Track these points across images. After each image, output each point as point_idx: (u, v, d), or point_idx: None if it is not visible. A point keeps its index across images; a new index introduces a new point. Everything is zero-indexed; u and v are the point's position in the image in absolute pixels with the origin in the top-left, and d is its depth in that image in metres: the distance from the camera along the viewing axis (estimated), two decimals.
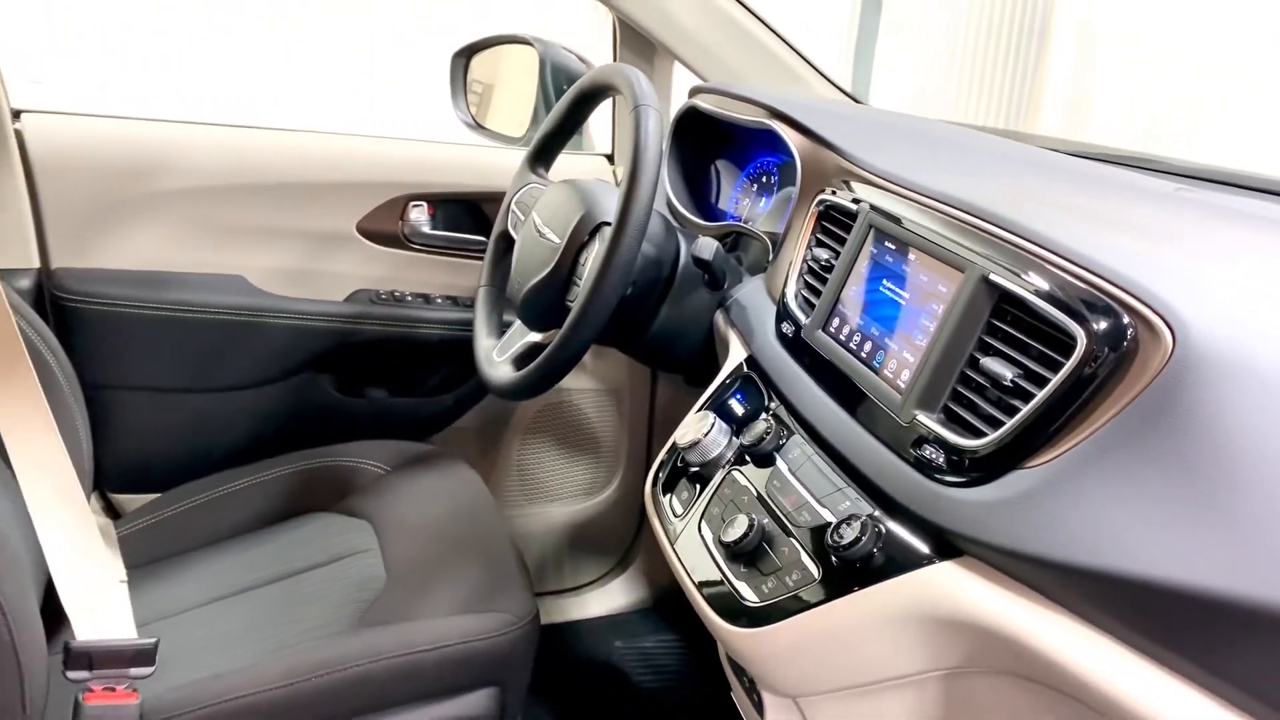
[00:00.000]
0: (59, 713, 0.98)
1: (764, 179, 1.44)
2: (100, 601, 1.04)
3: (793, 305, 1.05)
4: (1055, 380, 0.68)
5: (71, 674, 0.98)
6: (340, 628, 1.15)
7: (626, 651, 1.72)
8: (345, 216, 1.53)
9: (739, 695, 1.03)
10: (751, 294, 1.19)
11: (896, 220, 0.92)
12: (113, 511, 1.51)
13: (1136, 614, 0.62)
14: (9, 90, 1.36)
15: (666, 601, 1.83)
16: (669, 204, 1.44)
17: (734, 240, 1.37)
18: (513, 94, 1.73)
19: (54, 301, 1.40)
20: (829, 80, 1.61)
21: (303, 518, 1.37)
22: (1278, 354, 0.61)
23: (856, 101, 1.63)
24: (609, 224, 1.11)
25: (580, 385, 1.73)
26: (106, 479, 1.49)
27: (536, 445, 1.75)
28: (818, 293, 1.01)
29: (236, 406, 1.52)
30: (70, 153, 1.40)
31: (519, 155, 1.38)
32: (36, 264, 1.40)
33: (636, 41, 1.59)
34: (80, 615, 1.01)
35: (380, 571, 1.24)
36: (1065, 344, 0.69)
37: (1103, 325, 0.67)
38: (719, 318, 1.23)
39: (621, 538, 1.83)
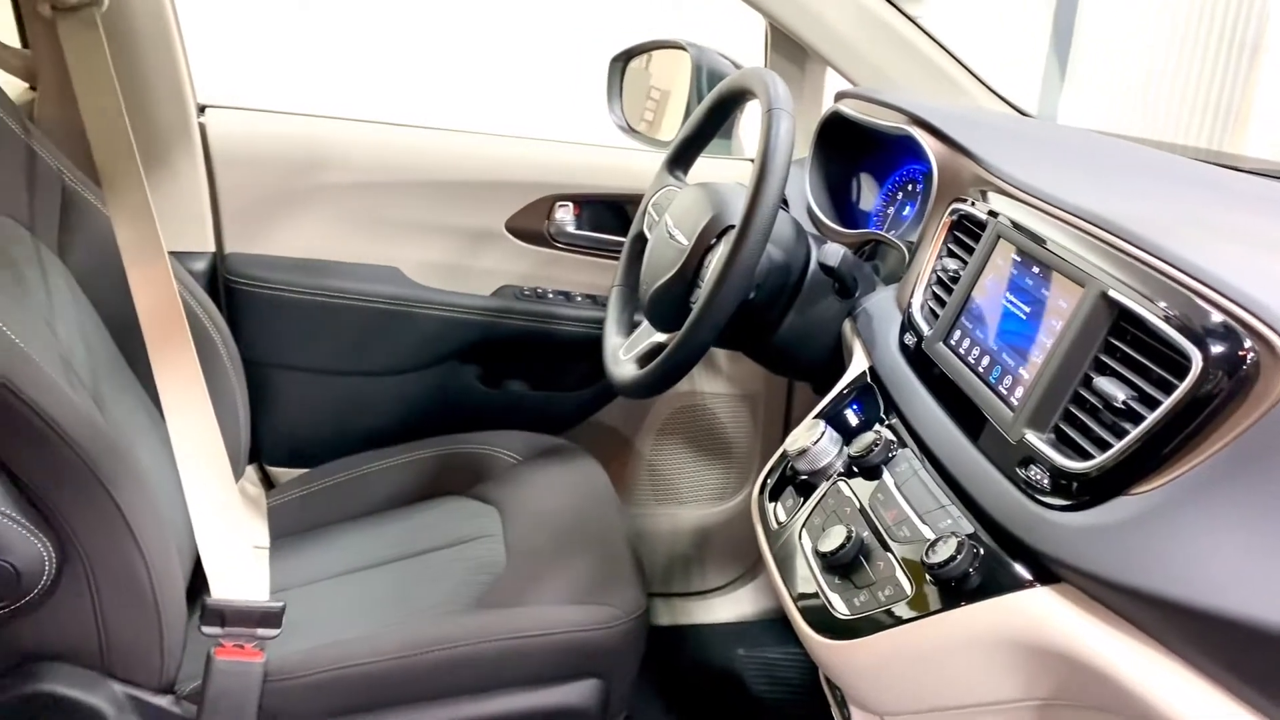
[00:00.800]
0: (193, 665, 1.06)
1: (909, 187, 1.41)
2: (237, 564, 1.11)
3: (917, 316, 1.02)
4: (1167, 403, 0.65)
5: (205, 629, 1.06)
6: (456, 607, 1.19)
7: (748, 660, 1.70)
8: (495, 214, 1.59)
9: (835, 711, 1.01)
10: (881, 303, 1.17)
11: (1024, 231, 0.88)
12: (268, 482, 1.62)
13: (1239, 659, 0.58)
14: (196, 86, 1.48)
15: None
16: (808, 209, 1.43)
17: (872, 249, 1.34)
18: (680, 99, 1.75)
19: (225, 283, 1.51)
20: (993, 91, 1.56)
21: (436, 500, 1.43)
22: None
23: (1023, 114, 1.56)
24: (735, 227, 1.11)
25: (715, 389, 1.74)
26: (264, 452, 1.60)
27: (669, 446, 1.76)
28: (944, 304, 0.98)
29: (384, 390, 1.60)
30: (247, 145, 1.51)
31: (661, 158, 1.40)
32: (212, 248, 1.51)
33: (788, 46, 1.58)
34: (217, 575, 1.09)
35: (501, 557, 1.27)
36: (1181, 366, 0.65)
37: (1220, 347, 0.62)
38: (846, 326, 1.21)
39: (751, 545, 1.82)
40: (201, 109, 1.50)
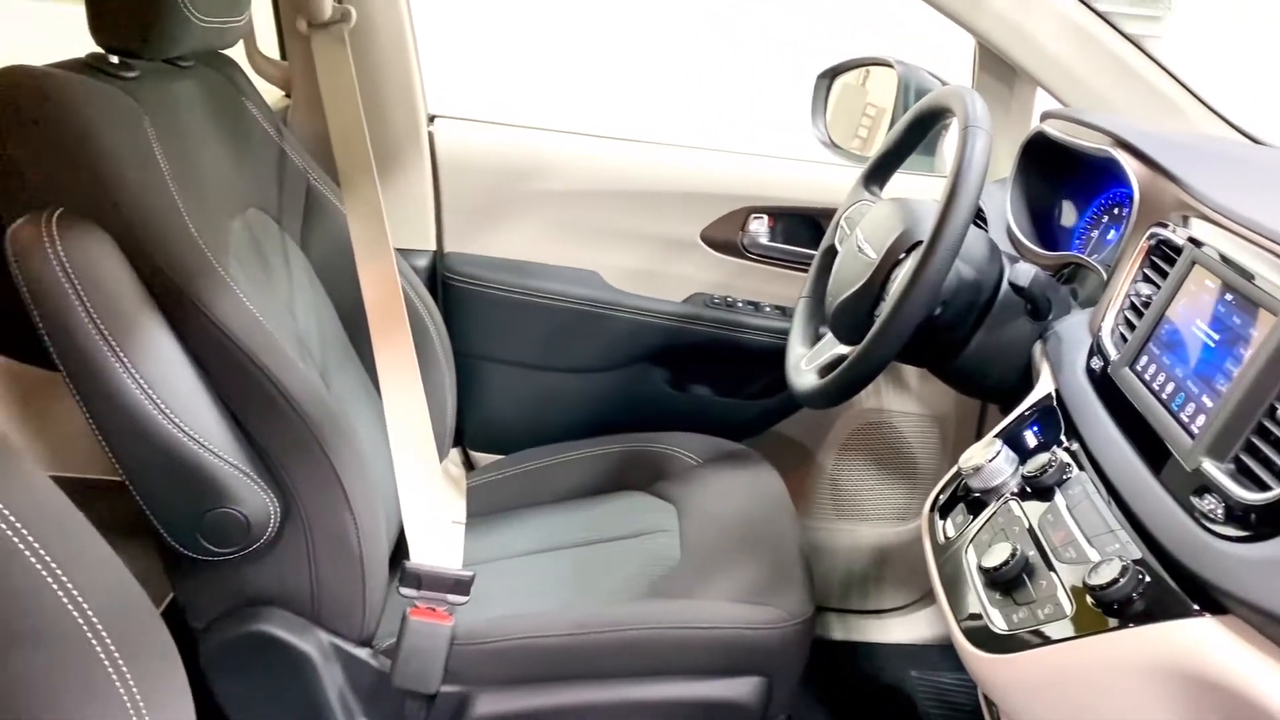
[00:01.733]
0: (389, 623, 1.16)
1: (1115, 210, 1.37)
2: (436, 535, 1.21)
3: (1106, 340, 1.00)
4: None
5: (403, 590, 1.16)
6: (630, 595, 1.25)
7: (920, 682, 1.69)
8: (691, 224, 1.65)
9: None
10: (1073, 326, 1.14)
11: (1222, 257, 0.85)
12: (469, 465, 1.74)
13: None
14: (427, 97, 1.62)
15: None
16: (1007, 229, 1.41)
17: (1071, 272, 1.31)
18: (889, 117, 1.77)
19: (443, 280, 1.64)
20: (1220, 115, 1.48)
21: (618, 494, 1.50)
22: None
23: (1256, 141, 1.48)
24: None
25: (904, 408, 1.73)
26: (467, 437, 1.72)
27: (852, 462, 1.76)
28: (1134, 329, 0.96)
29: (577, 387, 1.68)
30: (469, 153, 1.63)
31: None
32: (433, 246, 1.64)
33: (996, 65, 1.57)
34: (417, 543, 1.20)
35: (675, 552, 1.33)
36: None
37: None
38: (1037, 348, 1.19)
39: None
40: (431, 119, 1.63)
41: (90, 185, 0.99)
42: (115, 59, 1.09)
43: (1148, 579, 0.74)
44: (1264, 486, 0.68)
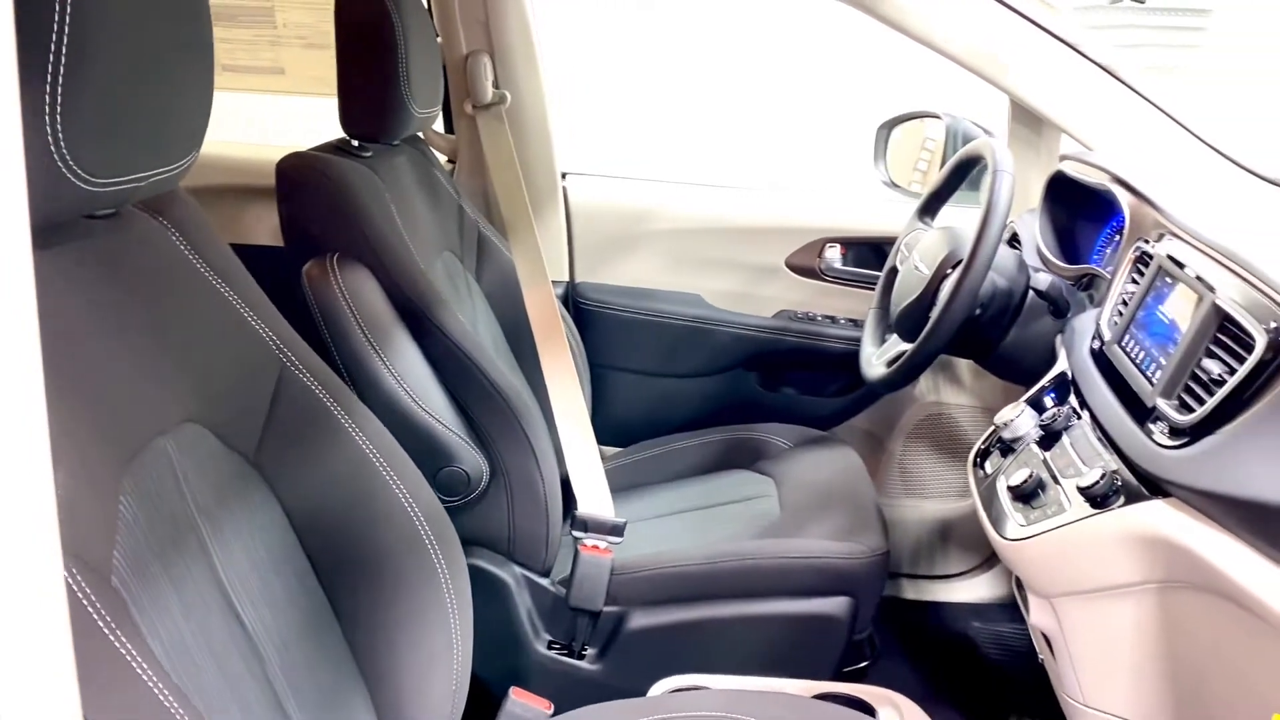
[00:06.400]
0: (564, 561, 1.53)
1: (1123, 230, 1.69)
2: (596, 490, 1.58)
3: (1104, 327, 1.34)
4: (1242, 370, 0.96)
5: (575, 532, 1.53)
6: (745, 538, 1.60)
7: (982, 630, 2.00)
8: (777, 253, 2.01)
9: (1019, 600, 1.33)
10: (1084, 321, 1.48)
11: (1175, 261, 1.19)
12: None
13: (1272, 531, 0.89)
14: (559, 156, 2.01)
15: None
16: (1037, 248, 1.75)
17: (1089, 280, 1.64)
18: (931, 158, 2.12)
19: (575, 304, 2.02)
20: (1217, 151, 1.80)
21: (726, 472, 1.85)
22: None
23: (1253, 174, 1.78)
24: None
25: (959, 401, 2.06)
26: (596, 433, 2.09)
27: (917, 447, 2.10)
28: (1123, 317, 1.30)
29: (686, 389, 2.05)
30: (593, 202, 2.02)
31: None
32: (567, 277, 2.03)
33: (1025, 115, 1.91)
34: (583, 495, 1.56)
35: (776, 510, 1.68)
36: (1251, 347, 0.96)
37: (1274, 331, 0.93)
38: (1058, 339, 1.53)
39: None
40: (563, 175, 2.02)
41: (355, 236, 1.38)
42: (356, 142, 1.49)
43: (1119, 481, 1.08)
44: (1191, 410, 1.02)
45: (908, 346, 1.63)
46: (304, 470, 0.98)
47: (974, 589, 2.13)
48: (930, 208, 1.74)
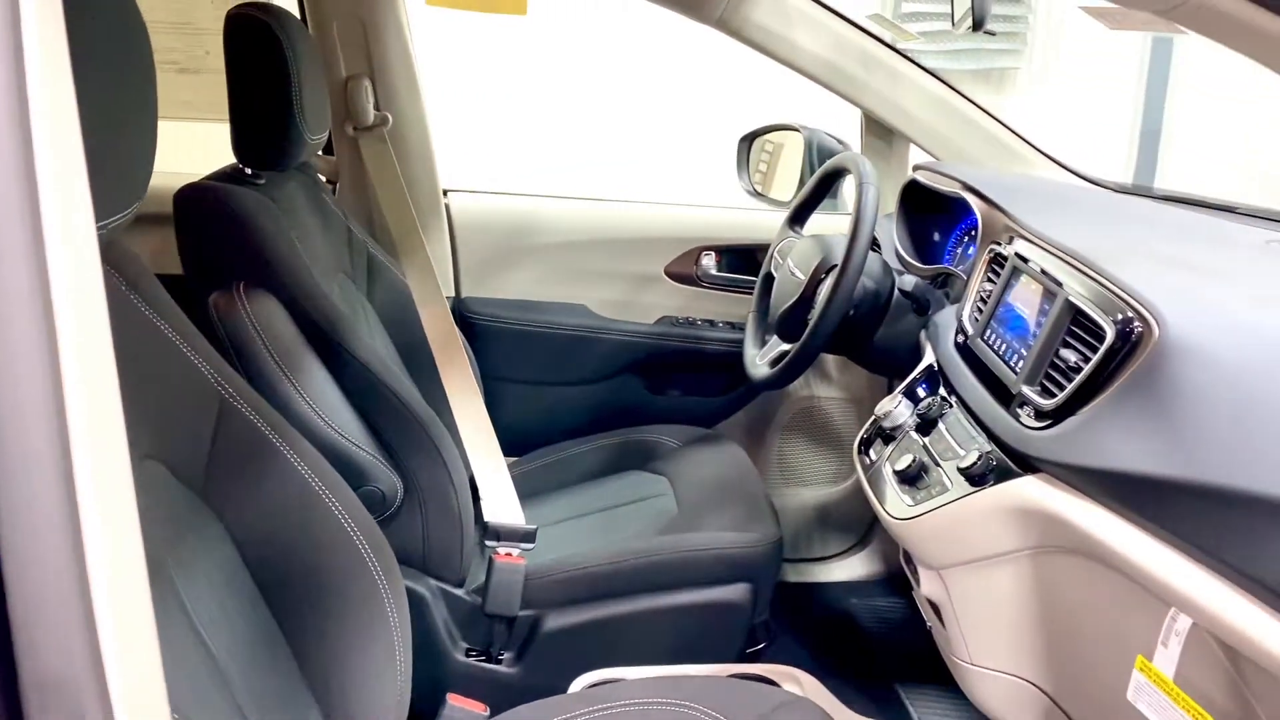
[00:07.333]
0: (477, 569, 1.58)
1: (971, 233, 1.86)
2: (505, 500, 1.64)
3: (966, 323, 1.48)
4: (1095, 358, 1.10)
5: (488, 541, 1.58)
6: (646, 536, 1.69)
7: (860, 606, 2.15)
8: (656, 262, 2.11)
9: (909, 573, 1.47)
10: (946, 317, 1.62)
11: (1025, 260, 1.34)
12: None
13: (1128, 496, 1.03)
14: (440, 174, 2.05)
15: (898, 574, 2.25)
16: (895, 251, 1.90)
17: (944, 279, 1.80)
18: (787, 167, 2.25)
19: (462, 318, 2.06)
20: (1051, 159, 2.00)
21: (621, 474, 1.93)
22: (1225, 341, 1.01)
23: (1086, 180, 1.98)
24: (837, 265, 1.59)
25: (829, 394, 2.21)
26: None
27: (792, 439, 2.23)
28: (982, 313, 1.44)
29: (577, 396, 2.12)
30: (477, 218, 2.07)
31: (783, 216, 1.89)
32: (454, 293, 2.07)
33: (878, 128, 2.07)
34: (493, 506, 1.62)
35: (673, 507, 1.77)
36: (1102, 337, 1.10)
37: (1120, 323, 1.07)
38: (922, 335, 1.67)
39: (861, 519, 2.26)
40: (445, 192, 2.06)
41: (258, 264, 1.40)
42: (249, 170, 1.51)
43: (994, 460, 1.21)
44: (1052, 395, 1.16)
45: (789, 347, 1.75)
46: (249, 501, 1.01)
47: (850, 568, 2.28)
48: (799, 217, 1.87)
